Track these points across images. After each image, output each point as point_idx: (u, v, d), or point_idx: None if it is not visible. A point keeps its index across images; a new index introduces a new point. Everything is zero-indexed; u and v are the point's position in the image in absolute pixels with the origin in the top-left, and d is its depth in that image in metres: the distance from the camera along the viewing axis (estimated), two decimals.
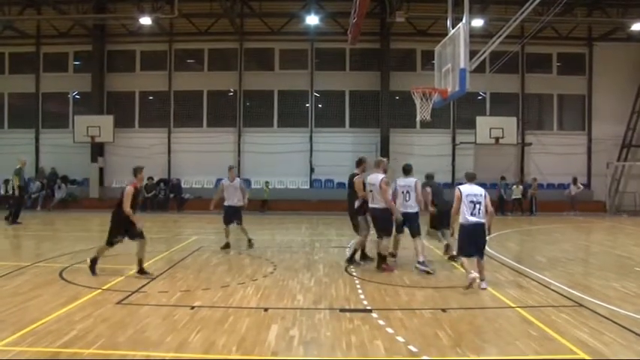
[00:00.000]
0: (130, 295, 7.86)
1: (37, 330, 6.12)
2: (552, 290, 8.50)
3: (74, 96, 29.28)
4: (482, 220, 8.47)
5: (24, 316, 6.71)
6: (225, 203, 12.93)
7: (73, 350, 5.48)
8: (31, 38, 28.51)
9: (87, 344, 5.63)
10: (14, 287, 8.44)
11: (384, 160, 10.56)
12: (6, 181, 26.69)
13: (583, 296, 8.02)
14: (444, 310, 7.20)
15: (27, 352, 5.43)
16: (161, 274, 9.64)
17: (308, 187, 27.67)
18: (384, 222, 10.09)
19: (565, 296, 8.08)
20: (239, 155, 28.05)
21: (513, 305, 7.52)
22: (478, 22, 22.38)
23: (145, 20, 24.43)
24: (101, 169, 27.86)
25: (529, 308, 7.31)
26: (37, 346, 5.60)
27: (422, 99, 14.11)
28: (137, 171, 9.49)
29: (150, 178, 26.54)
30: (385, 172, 10.23)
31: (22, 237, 13.83)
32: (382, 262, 10.17)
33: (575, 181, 25.81)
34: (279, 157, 27.54)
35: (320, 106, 28.73)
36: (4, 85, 29.11)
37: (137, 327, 6.27)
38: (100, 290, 8.13)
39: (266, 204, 25.45)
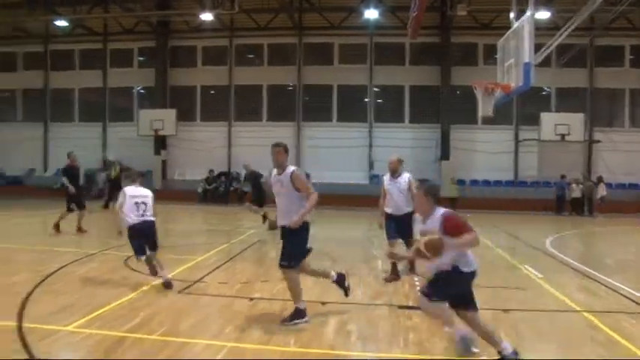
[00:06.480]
0: (191, 285, 8.01)
1: (104, 315, 6.36)
2: (622, 295, 8.09)
3: (139, 90, 30.21)
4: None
5: (92, 300, 6.96)
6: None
7: (137, 335, 5.63)
8: (98, 35, 29.62)
9: (150, 330, 5.77)
10: (84, 273, 8.83)
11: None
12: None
13: None
14: (505, 311, 6.97)
15: (96, 335, 5.63)
16: (221, 265, 9.78)
17: (367, 182, 27.48)
18: None
19: (635, 302, 7.68)
20: (298, 149, 28.22)
21: (579, 309, 7.19)
22: (544, 15, 21.62)
23: (207, 16, 24.85)
24: (164, 162, 28.61)
25: (596, 313, 6.98)
26: (104, 329, 5.80)
27: (484, 94, 13.77)
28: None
29: (211, 171, 27.08)
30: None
31: (91, 226, 14.35)
32: None
33: (600, 180, 24.73)
34: (338, 152, 27.51)
35: (379, 100, 28.55)
36: (75, 80, 30.42)
37: (198, 316, 6.37)
38: (161, 280, 8.33)
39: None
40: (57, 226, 13.58)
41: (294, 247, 6.29)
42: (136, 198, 8.04)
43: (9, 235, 13.96)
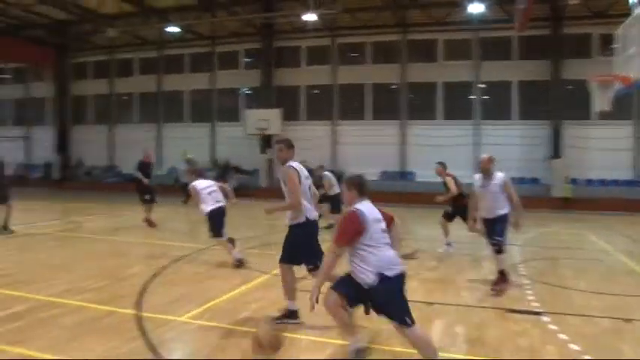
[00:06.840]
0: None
1: (214, 307, 6.66)
2: None
3: (245, 91, 31.20)
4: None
5: (204, 293, 7.32)
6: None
7: (245, 329, 5.86)
8: (206, 39, 30.89)
9: (258, 324, 5.90)
10: (195, 267, 9.35)
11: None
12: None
13: None
14: (626, 321, 6.49)
15: (206, 325, 5.97)
16: None
17: (471, 181, 26.56)
18: None
19: None
20: (403, 148, 27.94)
21: None
22: None
23: (310, 17, 25.16)
24: (270, 160, 29.31)
25: None
26: (214, 321, 6.12)
27: (600, 88, 12.90)
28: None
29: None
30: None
31: (201, 222, 15.00)
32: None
33: None
34: (443, 150, 26.82)
35: (485, 97, 27.64)
36: (186, 83, 31.98)
37: (304, 312, 6.42)
38: (269, 275, 8.54)
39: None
40: (149, 222, 14.58)
41: (286, 245, 6.29)
42: (206, 189, 9.62)
43: (126, 229, 14.92)
